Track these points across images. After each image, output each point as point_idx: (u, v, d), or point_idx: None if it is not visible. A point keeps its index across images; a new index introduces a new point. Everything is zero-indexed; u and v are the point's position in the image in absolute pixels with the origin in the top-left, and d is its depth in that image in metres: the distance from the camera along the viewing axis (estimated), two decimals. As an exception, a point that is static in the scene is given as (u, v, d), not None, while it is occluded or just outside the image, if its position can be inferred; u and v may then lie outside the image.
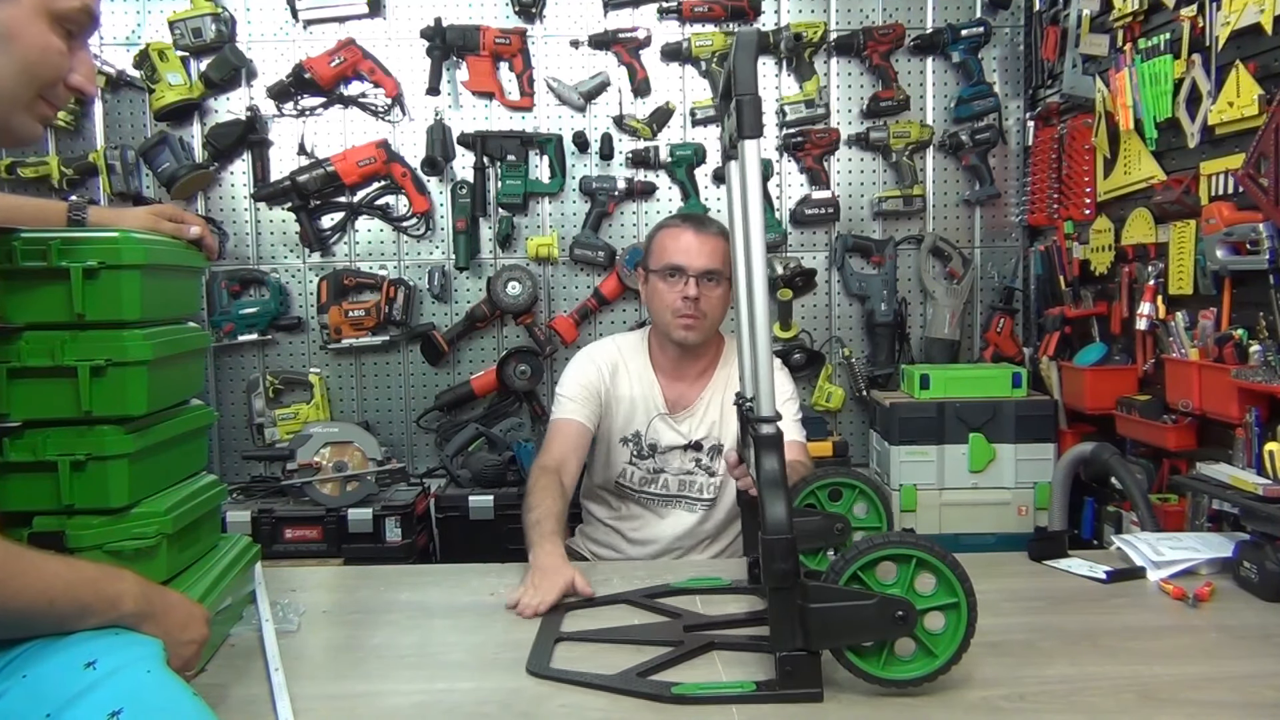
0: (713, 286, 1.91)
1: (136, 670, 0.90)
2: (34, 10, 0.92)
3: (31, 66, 0.93)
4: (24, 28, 0.92)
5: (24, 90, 0.94)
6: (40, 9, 0.93)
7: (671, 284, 1.91)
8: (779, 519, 1.07)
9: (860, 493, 1.47)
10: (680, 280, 1.90)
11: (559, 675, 1.16)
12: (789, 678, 1.09)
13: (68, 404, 1.10)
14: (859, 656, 1.09)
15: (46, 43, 0.94)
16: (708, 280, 1.90)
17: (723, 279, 1.92)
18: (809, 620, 1.07)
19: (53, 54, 0.95)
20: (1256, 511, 1.50)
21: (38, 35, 0.93)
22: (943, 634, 1.10)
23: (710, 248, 1.91)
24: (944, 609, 1.10)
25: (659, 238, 1.98)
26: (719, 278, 1.91)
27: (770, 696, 1.09)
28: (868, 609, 1.07)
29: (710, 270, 1.90)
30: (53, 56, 0.95)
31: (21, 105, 0.95)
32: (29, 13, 0.92)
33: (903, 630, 1.07)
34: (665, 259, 1.93)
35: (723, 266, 1.91)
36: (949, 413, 2.56)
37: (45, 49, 0.94)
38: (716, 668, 1.19)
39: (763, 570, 1.09)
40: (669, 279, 1.92)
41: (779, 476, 1.10)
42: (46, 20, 0.93)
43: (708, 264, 1.90)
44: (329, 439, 2.55)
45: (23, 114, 0.95)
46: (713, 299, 1.92)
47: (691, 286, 1.89)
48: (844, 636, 1.08)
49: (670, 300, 1.91)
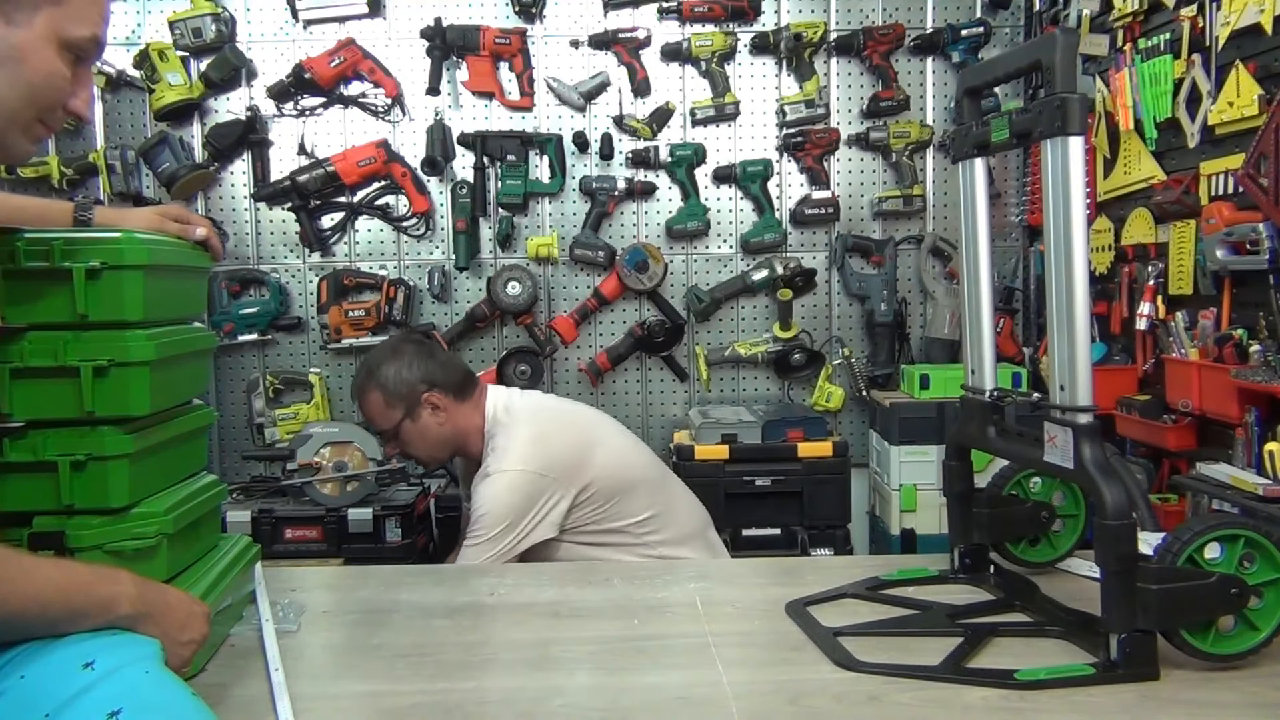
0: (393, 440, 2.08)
1: (135, 670, 0.90)
2: (45, 36, 0.94)
3: (36, 89, 0.95)
4: (34, 52, 0.94)
5: (25, 111, 0.96)
6: (51, 35, 0.94)
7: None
8: (1119, 504, 1.10)
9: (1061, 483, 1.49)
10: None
11: (880, 669, 1.16)
12: (1129, 659, 1.11)
13: (70, 404, 1.09)
14: (1190, 634, 1.13)
15: (53, 68, 0.96)
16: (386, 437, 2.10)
17: (394, 424, 2.05)
18: (1151, 601, 1.10)
19: (58, 79, 0.97)
20: (1256, 511, 1.51)
21: (47, 60, 0.95)
22: (1263, 609, 1.14)
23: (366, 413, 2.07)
24: (1266, 585, 1.14)
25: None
26: (390, 428, 2.06)
27: (1111, 678, 1.12)
28: (1207, 588, 1.11)
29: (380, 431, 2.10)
30: (57, 81, 0.97)
31: (19, 126, 0.96)
32: (40, 38, 0.94)
33: (1237, 607, 1.12)
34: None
35: (385, 421, 2.05)
36: (949, 413, 2.56)
37: (51, 74, 0.96)
38: (1010, 654, 1.20)
39: (1102, 554, 1.12)
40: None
41: (1107, 464, 1.14)
42: (56, 46, 0.95)
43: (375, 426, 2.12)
44: (329, 439, 2.55)
45: (18, 134, 0.97)
46: (410, 440, 2.07)
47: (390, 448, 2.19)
48: (1184, 615, 1.12)
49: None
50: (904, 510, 2.59)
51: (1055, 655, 1.19)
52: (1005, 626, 1.29)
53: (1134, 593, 1.11)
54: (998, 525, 1.46)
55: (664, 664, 1.21)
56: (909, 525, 2.59)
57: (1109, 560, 1.11)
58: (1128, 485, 1.17)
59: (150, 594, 0.99)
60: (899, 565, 1.54)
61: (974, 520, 1.45)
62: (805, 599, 1.40)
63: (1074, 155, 1.16)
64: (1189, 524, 1.14)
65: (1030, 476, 1.49)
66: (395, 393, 1.99)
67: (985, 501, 1.46)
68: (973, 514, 1.45)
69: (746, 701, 1.09)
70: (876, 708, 1.08)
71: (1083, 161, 1.16)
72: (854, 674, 1.16)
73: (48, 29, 0.94)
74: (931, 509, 2.58)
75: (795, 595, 1.41)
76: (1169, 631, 1.13)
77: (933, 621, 1.31)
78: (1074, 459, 1.16)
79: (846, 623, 1.30)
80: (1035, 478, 1.49)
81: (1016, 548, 1.48)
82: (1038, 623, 1.29)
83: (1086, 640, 1.20)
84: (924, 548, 2.56)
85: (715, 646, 1.25)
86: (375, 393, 2.01)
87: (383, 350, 2.09)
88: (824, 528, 2.61)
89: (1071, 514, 1.48)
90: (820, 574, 1.52)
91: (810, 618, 1.33)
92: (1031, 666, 1.14)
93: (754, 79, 2.93)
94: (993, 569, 1.46)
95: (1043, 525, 1.46)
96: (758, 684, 1.15)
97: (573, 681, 1.16)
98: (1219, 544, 1.13)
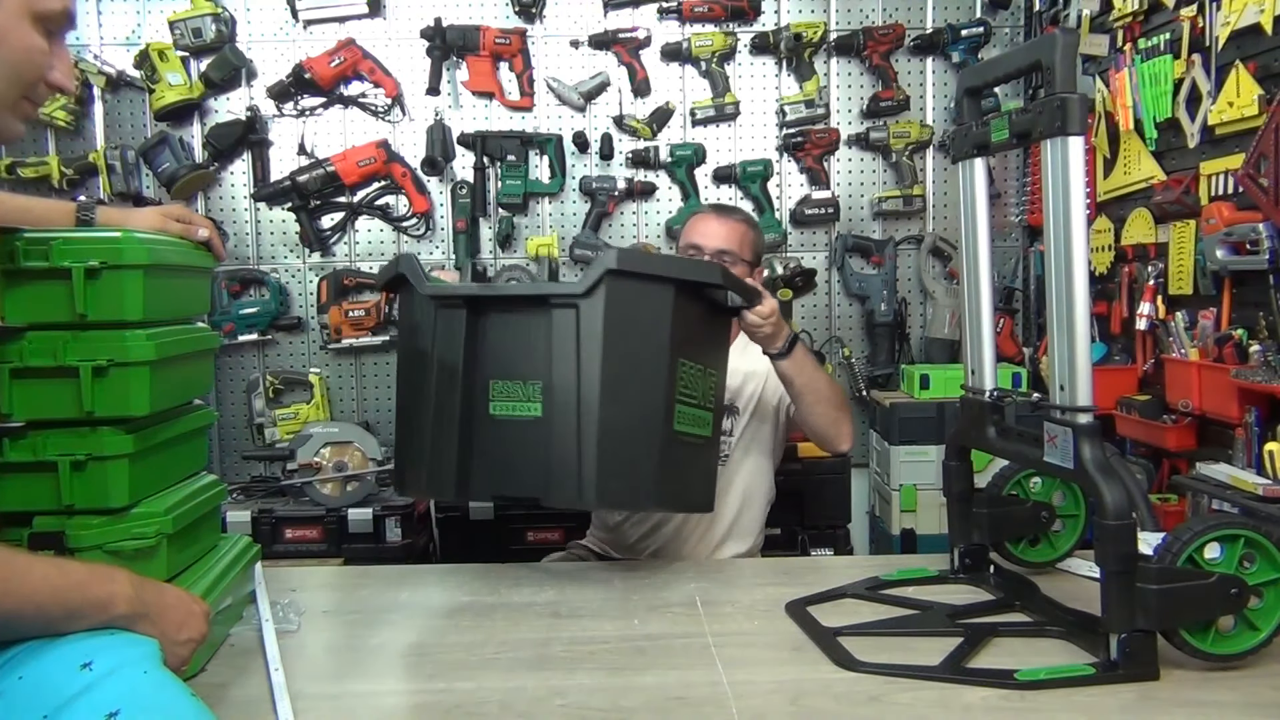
0: (728, 264, 1.93)
1: (133, 670, 0.90)
2: (17, 12, 0.94)
3: (17, 67, 0.95)
4: (10, 30, 0.94)
5: (10, 90, 0.96)
6: (23, 10, 0.95)
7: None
8: (1119, 504, 1.11)
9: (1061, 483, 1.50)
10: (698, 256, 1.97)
11: (880, 669, 1.16)
12: (1129, 658, 1.12)
13: (70, 404, 1.09)
14: (1190, 634, 1.13)
15: (31, 43, 0.96)
16: (723, 258, 1.93)
17: (739, 261, 1.96)
18: (1151, 601, 1.10)
19: (36, 54, 0.97)
20: (1256, 511, 1.50)
21: (23, 36, 0.95)
22: (1263, 609, 1.15)
23: (728, 230, 1.98)
24: (1266, 585, 1.14)
25: (687, 222, 2.07)
26: (735, 259, 1.95)
27: (1111, 678, 1.12)
28: (1207, 588, 1.11)
29: (725, 250, 1.95)
30: (36, 56, 0.97)
31: (7, 106, 0.97)
32: (13, 15, 0.94)
33: (1236, 607, 1.12)
34: (686, 239, 2.01)
35: (739, 249, 1.97)
36: (949, 413, 2.56)
37: (29, 49, 0.96)
38: (1010, 654, 1.21)
39: (1102, 554, 1.12)
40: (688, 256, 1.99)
41: (1107, 464, 1.14)
42: (29, 21, 0.95)
43: (723, 244, 1.95)
44: (329, 439, 2.55)
45: (7, 113, 0.97)
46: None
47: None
48: (1184, 615, 1.13)
49: None
50: (904, 510, 2.59)
51: (1055, 655, 1.20)
52: (1005, 626, 1.29)
53: (1134, 593, 1.11)
54: (998, 525, 1.46)
55: (664, 664, 1.21)
56: (909, 525, 2.59)
57: (1109, 560, 1.12)
58: (1128, 485, 1.17)
59: (148, 593, 0.98)
60: (899, 565, 1.54)
61: (974, 520, 1.45)
62: (805, 599, 1.40)
63: (1074, 155, 1.16)
64: (1189, 524, 1.14)
65: (1030, 476, 1.49)
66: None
67: (985, 501, 1.46)
68: (973, 514, 1.45)
69: (746, 701, 1.09)
70: (876, 708, 1.08)
71: (1083, 161, 1.17)
72: (854, 674, 1.16)
73: (19, 5, 0.94)
74: (931, 509, 2.58)
75: (795, 595, 1.41)
76: (1169, 631, 1.13)
77: (933, 621, 1.32)
78: (1074, 459, 1.16)
79: (846, 623, 1.30)
80: (1035, 478, 1.49)
81: (1016, 548, 1.49)
82: (1038, 623, 1.29)
83: (1086, 640, 1.20)
84: (924, 548, 2.56)
85: (715, 646, 1.25)
86: None
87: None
88: (824, 528, 2.61)
89: (1071, 514, 1.49)
90: (820, 574, 1.53)
91: (810, 618, 1.33)
92: (1031, 666, 1.14)
93: (754, 79, 2.93)
94: (993, 569, 1.46)
95: (1043, 525, 1.47)
96: (758, 684, 1.15)
97: (573, 681, 1.16)
98: (1219, 544, 1.13)
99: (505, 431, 1.37)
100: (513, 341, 1.37)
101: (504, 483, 1.40)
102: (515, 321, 1.37)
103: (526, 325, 1.35)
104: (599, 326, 1.31)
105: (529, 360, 1.35)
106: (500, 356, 1.37)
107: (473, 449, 1.38)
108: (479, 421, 1.38)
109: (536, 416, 1.35)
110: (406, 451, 1.45)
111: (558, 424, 1.32)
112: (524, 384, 1.36)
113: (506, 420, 1.36)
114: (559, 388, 1.33)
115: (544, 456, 1.34)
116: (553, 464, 1.33)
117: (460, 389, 1.36)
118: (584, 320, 1.31)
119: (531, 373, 1.35)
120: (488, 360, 1.38)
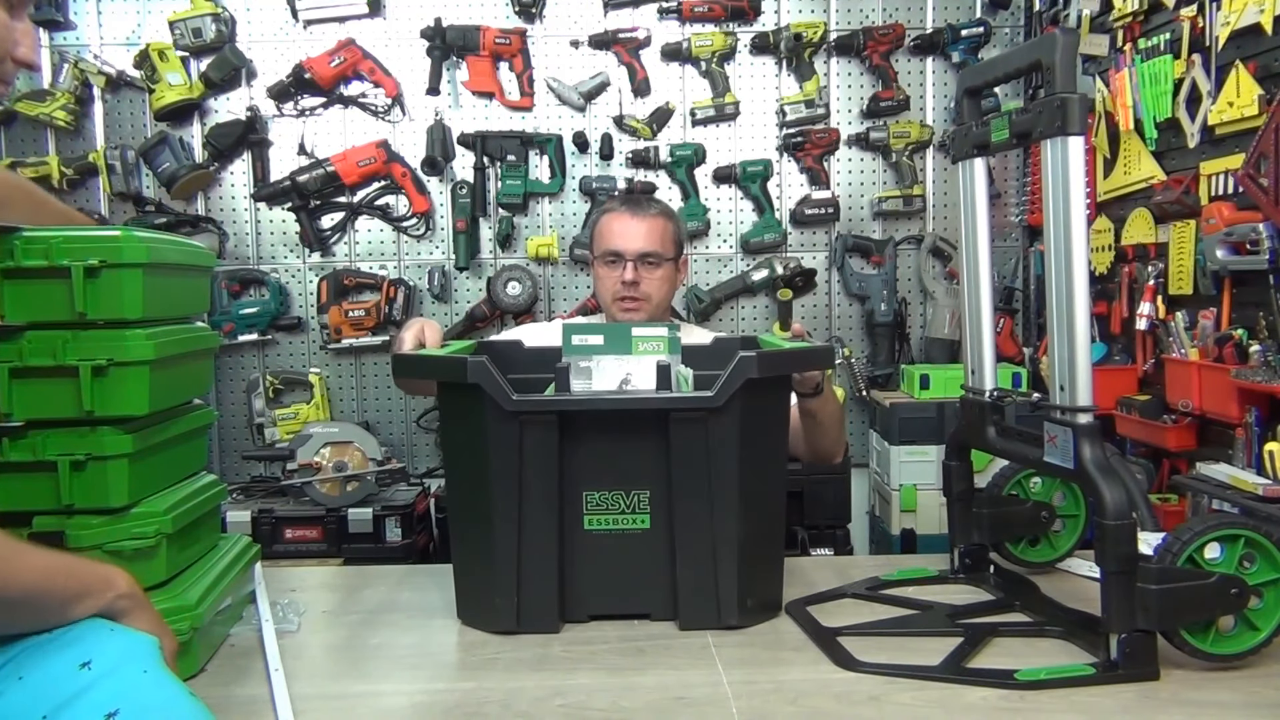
0: (652, 268, 1.90)
1: (133, 670, 0.89)
2: None
3: None
4: None
5: None
6: None
7: (611, 269, 1.91)
8: (1119, 504, 1.10)
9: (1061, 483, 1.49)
10: (619, 265, 1.90)
11: (880, 669, 1.16)
12: (1129, 659, 1.12)
13: (69, 404, 1.09)
14: (1190, 634, 1.13)
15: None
16: (647, 263, 1.88)
17: (664, 260, 1.90)
18: (1151, 601, 1.10)
19: (0, 29, 0.96)
20: (1256, 511, 1.50)
21: None
22: (1263, 609, 1.14)
23: (648, 227, 1.90)
24: (1266, 585, 1.14)
25: (599, 223, 1.98)
26: (659, 259, 1.90)
27: (1111, 677, 1.12)
28: (1207, 588, 1.11)
29: (648, 252, 1.88)
30: (1, 33, 0.96)
31: None
32: None
33: (1237, 606, 1.12)
34: (603, 245, 1.93)
35: (662, 247, 1.90)
36: (949, 413, 2.56)
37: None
38: (1010, 654, 1.20)
39: (1102, 554, 1.12)
40: (608, 264, 1.92)
41: (1107, 464, 1.14)
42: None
43: (645, 246, 1.88)
44: (329, 439, 2.55)
45: None
46: (654, 280, 1.90)
47: (629, 271, 1.88)
48: (1184, 615, 1.12)
49: (610, 285, 1.91)
50: (904, 510, 2.59)
51: (1055, 655, 1.19)
52: (1005, 626, 1.29)
53: (1134, 593, 1.10)
54: (998, 525, 1.46)
55: (664, 664, 1.20)
56: (909, 525, 2.59)
57: (1109, 560, 1.11)
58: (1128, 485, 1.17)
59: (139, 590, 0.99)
60: (899, 565, 1.54)
61: (974, 520, 1.45)
62: (805, 599, 1.39)
63: (1074, 155, 1.16)
64: (1189, 524, 1.14)
65: (1030, 476, 1.49)
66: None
67: (985, 501, 1.46)
68: (973, 514, 1.45)
69: (746, 701, 1.09)
70: (876, 708, 1.08)
71: (1083, 161, 1.16)
72: (854, 674, 1.16)
73: None
74: (931, 509, 2.58)
75: (795, 595, 1.41)
76: (1169, 631, 1.13)
77: (933, 621, 1.31)
78: (1074, 459, 1.16)
79: (846, 623, 1.30)
80: (1035, 478, 1.49)
81: (1016, 548, 1.49)
82: (1038, 623, 1.29)
83: (1086, 640, 1.20)
84: (924, 548, 2.56)
85: (715, 646, 1.25)
86: None
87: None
88: (824, 528, 2.60)
89: (1071, 514, 1.48)
90: (820, 574, 1.52)
91: (810, 618, 1.33)
92: (1031, 666, 1.14)
93: (754, 79, 2.93)
94: (993, 569, 1.46)
95: (1043, 525, 1.46)
96: (758, 684, 1.14)
97: (573, 681, 1.16)
98: (1219, 544, 1.13)
99: (603, 545, 1.24)
100: (613, 446, 1.21)
101: (604, 602, 1.28)
102: (620, 425, 1.21)
103: (636, 430, 1.20)
104: (734, 434, 1.18)
105: (634, 465, 1.21)
106: (597, 463, 1.22)
107: (567, 571, 1.25)
108: (574, 539, 1.23)
109: (644, 529, 1.23)
110: (485, 580, 1.27)
111: (681, 539, 1.21)
112: (626, 494, 1.22)
113: (604, 534, 1.23)
114: (679, 496, 1.20)
115: (654, 572, 1.23)
116: (678, 582, 1.23)
117: (556, 508, 1.21)
118: (714, 428, 1.17)
119: (636, 480, 1.22)
120: (582, 468, 1.22)
